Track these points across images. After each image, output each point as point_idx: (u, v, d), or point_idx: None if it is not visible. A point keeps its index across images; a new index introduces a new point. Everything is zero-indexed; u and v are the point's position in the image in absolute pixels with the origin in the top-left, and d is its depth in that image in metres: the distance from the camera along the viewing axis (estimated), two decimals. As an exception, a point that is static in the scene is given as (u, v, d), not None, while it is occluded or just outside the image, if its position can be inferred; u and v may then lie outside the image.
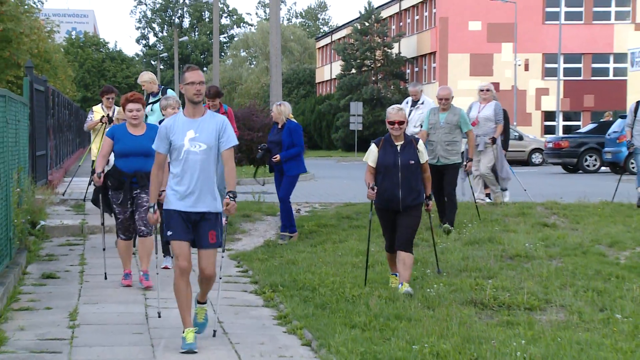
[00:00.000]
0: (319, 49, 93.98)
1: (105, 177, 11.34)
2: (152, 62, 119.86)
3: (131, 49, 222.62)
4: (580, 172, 36.46)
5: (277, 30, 37.75)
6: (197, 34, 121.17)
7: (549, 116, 63.30)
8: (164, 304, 9.86)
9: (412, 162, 10.59)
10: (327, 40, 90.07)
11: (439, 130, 14.74)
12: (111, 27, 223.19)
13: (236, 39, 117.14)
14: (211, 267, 8.53)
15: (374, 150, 10.72)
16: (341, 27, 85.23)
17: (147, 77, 15.35)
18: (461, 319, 9.37)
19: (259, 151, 14.95)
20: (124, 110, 11.34)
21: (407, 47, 69.81)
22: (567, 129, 59.03)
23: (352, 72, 69.43)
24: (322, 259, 13.03)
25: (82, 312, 10.29)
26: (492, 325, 9.38)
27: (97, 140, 16.06)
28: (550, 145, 38.68)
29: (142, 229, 11.32)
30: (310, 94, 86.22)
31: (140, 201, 11.22)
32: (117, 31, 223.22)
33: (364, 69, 69.20)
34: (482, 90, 17.85)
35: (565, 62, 61.34)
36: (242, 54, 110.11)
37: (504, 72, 63.12)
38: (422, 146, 10.74)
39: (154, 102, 15.13)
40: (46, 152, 22.74)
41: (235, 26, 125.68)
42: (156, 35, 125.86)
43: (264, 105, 40.28)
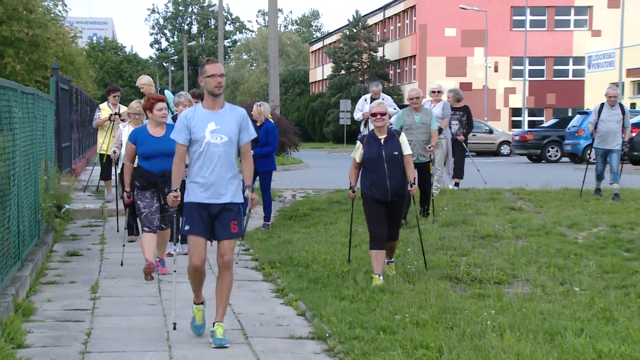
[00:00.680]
0: (312, 52, 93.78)
1: (131, 179, 10.44)
2: (164, 64, 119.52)
3: (145, 52, 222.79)
4: (543, 161, 36.51)
5: (275, 35, 37.69)
6: (203, 39, 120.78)
7: (516, 112, 63.33)
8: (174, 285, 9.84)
9: (396, 153, 9.96)
10: (319, 44, 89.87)
11: (416, 130, 14.13)
12: (128, 33, 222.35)
13: (238, 44, 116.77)
14: (230, 252, 7.71)
15: (359, 146, 10.11)
16: (332, 33, 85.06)
17: (145, 80, 15.15)
18: (438, 292, 9.38)
19: None
20: (152, 110, 10.20)
21: (390, 51, 69.76)
22: (532, 124, 59.08)
23: (341, 73, 69.35)
24: (314, 239, 13.04)
25: (102, 285, 10.30)
26: (466, 297, 9.41)
27: (103, 135, 15.96)
28: (517, 138, 38.74)
29: (162, 226, 10.64)
30: (304, 93, 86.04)
31: (167, 205, 10.05)
32: (133, 36, 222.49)
33: (352, 70, 69.15)
34: (433, 91, 17.55)
35: (530, 65, 61.43)
36: (244, 57, 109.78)
37: (476, 73, 63.17)
38: (403, 138, 10.12)
39: None
40: (70, 144, 22.67)
41: (237, 32, 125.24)
42: (167, 40, 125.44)
43: (264, 102, 40.41)
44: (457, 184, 18.26)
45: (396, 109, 17.62)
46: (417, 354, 7.02)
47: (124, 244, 11.58)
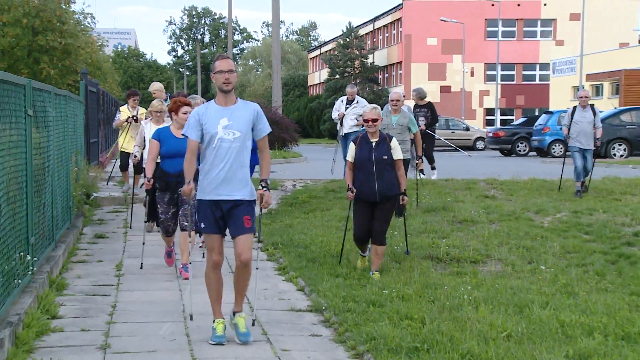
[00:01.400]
0: (311, 59, 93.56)
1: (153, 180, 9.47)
2: (180, 70, 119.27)
3: (164, 59, 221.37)
4: (513, 155, 36.47)
5: (278, 44, 37.57)
6: (215, 47, 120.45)
7: (489, 112, 63.32)
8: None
9: (385, 157, 9.13)
10: (316, 52, 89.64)
11: (392, 131, 13.06)
12: (148, 42, 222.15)
13: (245, 52, 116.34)
14: (247, 252, 6.75)
15: (352, 147, 9.33)
16: (328, 42, 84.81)
17: (157, 86, 14.91)
18: (421, 270, 9.38)
19: None
20: (177, 113, 9.34)
21: (379, 57, 69.66)
22: (504, 122, 58.96)
23: (336, 77, 69.10)
24: (312, 223, 13.02)
25: (126, 264, 10.29)
26: (445, 274, 9.40)
27: (123, 135, 15.79)
28: (490, 134, 38.69)
29: (185, 224, 9.44)
30: (303, 95, 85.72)
31: (183, 199, 9.30)
32: (153, 45, 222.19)
33: (345, 75, 68.90)
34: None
35: (502, 70, 61.33)
36: (250, 63, 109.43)
37: (455, 78, 63.17)
38: (395, 143, 9.23)
39: None
40: (97, 140, 22.65)
41: (245, 41, 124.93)
42: (183, 48, 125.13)
43: (268, 103, 40.13)
44: (422, 171, 16.99)
45: None
46: (402, 324, 7.02)
47: (144, 233, 10.77)
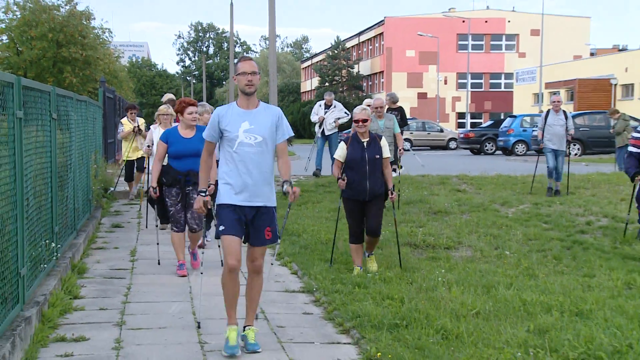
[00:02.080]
0: (303, 68, 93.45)
1: (160, 175, 8.67)
2: (187, 78, 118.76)
3: (173, 68, 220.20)
4: (482, 154, 36.57)
5: (274, 55, 37.23)
6: (218, 58, 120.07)
7: (461, 116, 63.52)
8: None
9: (377, 156, 8.44)
10: (308, 62, 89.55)
11: (381, 134, 12.78)
12: (159, 54, 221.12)
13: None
14: (261, 258, 5.91)
15: (343, 147, 8.56)
16: (318, 53, 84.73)
17: (169, 96, 14.67)
18: (401, 256, 9.37)
19: None
20: (183, 113, 8.53)
21: (364, 67, 69.69)
22: (473, 125, 59.19)
23: (326, 85, 69.05)
24: (304, 214, 13.01)
25: (140, 251, 10.26)
26: (422, 259, 9.40)
27: (126, 144, 15.35)
28: (461, 135, 38.80)
29: (194, 227, 8.73)
30: (297, 100, 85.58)
31: (191, 201, 8.54)
32: (164, 56, 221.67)
33: (334, 83, 68.90)
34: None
35: (471, 79, 61.43)
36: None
37: (430, 85, 63.31)
38: (384, 142, 8.56)
39: None
40: (114, 140, 22.59)
41: (244, 53, 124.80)
42: (190, 59, 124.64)
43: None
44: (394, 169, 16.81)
45: (347, 114, 17.38)
46: (384, 304, 7.01)
47: (157, 234, 10.03)
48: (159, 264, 9.31)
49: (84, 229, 10.80)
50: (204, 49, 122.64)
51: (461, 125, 61.14)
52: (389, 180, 8.60)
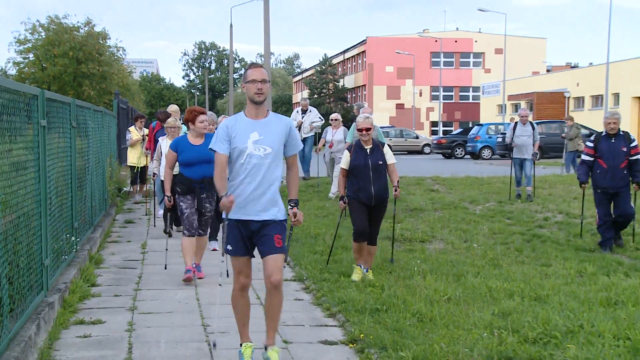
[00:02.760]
0: (295, 82, 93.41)
1: (173, 184, 7.79)
2: (192, 91, 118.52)
3: (179, 82, 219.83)
4: (452, 158, 36.64)
5: (268, 71, 37.34)
6: (219, 73, 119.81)
7: (434, 124, 63.59)
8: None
9: (380, 162, 7.73)
10: (299, 77, 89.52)
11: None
12: (167, 69, 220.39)
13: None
14: (278, 273, 4.83)
15: (347, 155, 7.86)
16: (308, 69, 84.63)
17: (174, 108, 14.14)
18: (381, 248, 9.35)
19: None
20: (194, 122, 7.65)
21: (348, 81, 69.72)
22: (445, 132, 59.28)
23: (314, 97, 69.11)
24: (296, 211, 12.93)
25: (150, 243, 10.21)
26: (400, 251, 9.39)
27: (133, 151, 14.97)
28: (434, 142, 38.87)
29: (201, 232, 7.89)
30: (289, 110, 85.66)
31: (203, 210, 7.78)
32: (171, 71, 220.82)
33: (322, 95, 68.93)
34: (335, 119, 14.52)
35: (443, 92, 61.74)
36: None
37: (407, 97, 63.43)
38: (387, 149, 7.85)
39: None
40: (127, 146, 22.42)
41: (243, 68, 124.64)
42: (194, 74, 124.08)
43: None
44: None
45: (321, 119, 17.33)
46: (366, 291, 7.00)
47: (167, 241, 9.20)
48: (165, 268, 8.42)
49: (101, 224, 10.75)
50: (207, 65, 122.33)
51: (434, 132, 61.21)
52: (394, 180, 7.82)
